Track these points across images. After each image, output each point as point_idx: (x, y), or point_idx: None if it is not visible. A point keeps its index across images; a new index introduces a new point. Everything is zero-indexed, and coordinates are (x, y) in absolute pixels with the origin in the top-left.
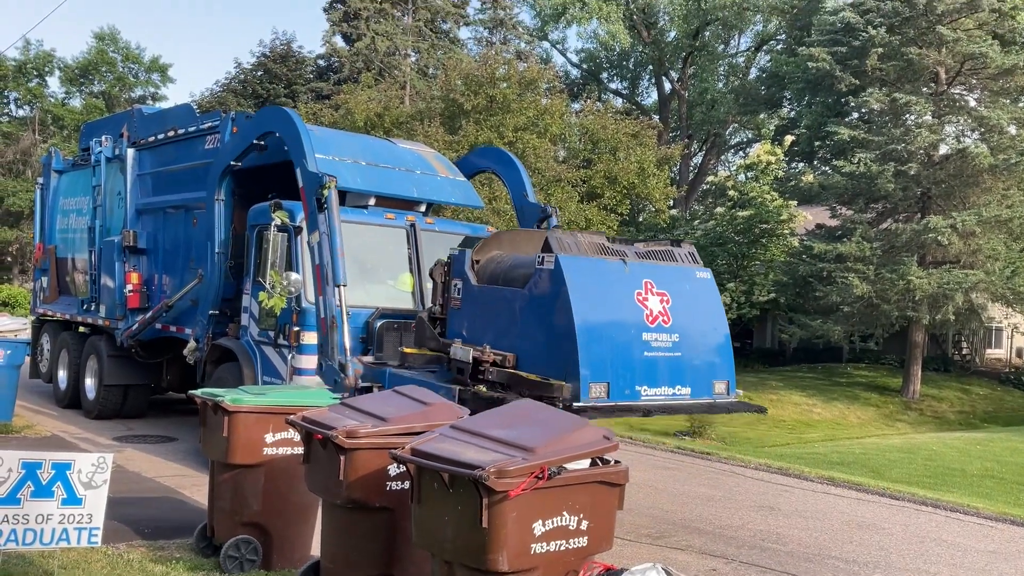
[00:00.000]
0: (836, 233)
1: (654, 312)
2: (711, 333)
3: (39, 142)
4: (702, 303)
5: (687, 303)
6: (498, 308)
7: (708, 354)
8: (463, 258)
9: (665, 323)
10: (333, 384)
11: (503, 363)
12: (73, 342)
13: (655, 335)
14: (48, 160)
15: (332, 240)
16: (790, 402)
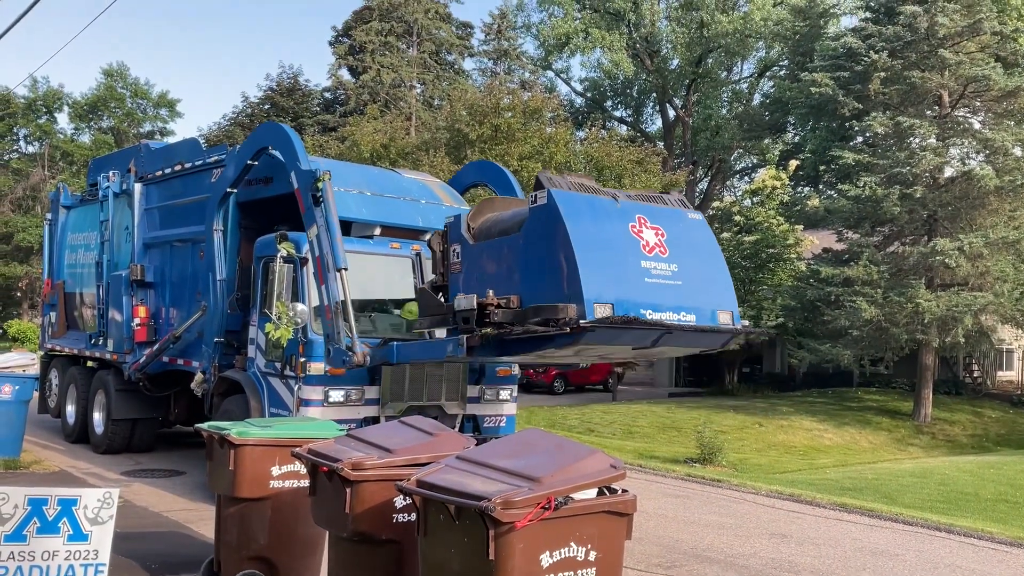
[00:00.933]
0: (843, 257)
1: (650, 243)
2: (710, 267)
3: (48, 178)
4: (698, 240)
5: (682, 238)
6: (498, 259)
7: (709, 285)
8: (459, 223)
9: (662, 254)
10: (342, 364)
11: (507, 305)
12: (81, 377)
13: (654, 263)
14: (56, 196)
15: (331, 230)
16: (801, 427)
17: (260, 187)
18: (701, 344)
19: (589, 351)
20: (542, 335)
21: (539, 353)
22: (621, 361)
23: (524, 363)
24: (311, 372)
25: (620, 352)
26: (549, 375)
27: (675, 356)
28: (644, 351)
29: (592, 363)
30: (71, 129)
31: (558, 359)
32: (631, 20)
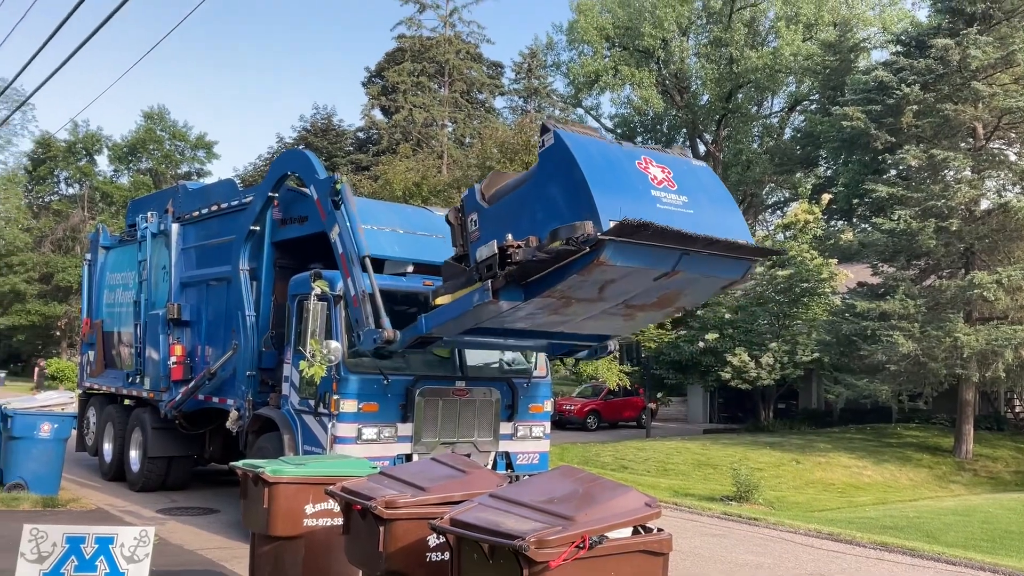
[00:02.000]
0: (879, 291)
1: (658, 177)
2: (720, 202)
3: (88, 219)
4: (705, 180)
5: (689, 177)
6: (513, 212)
7: (721, 215)
8: (473, 194)
9: (671, 187)
10: (371, 343)
11: (527, 244)
12: (118, 415)
13: (663, 193)
14: (96, 237)
15: (351, 222)
16: (839, 464)
17: (295, 226)
18: (722, 272)
19: (612, 285)
20: (563, 261)
21: (563, 290)
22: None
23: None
24: (344, 409)
25: (641, 287)
26: (582, 411)
27: (698, 300)
28: (666, 289)
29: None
30: (111, 171)
31: (583, 302)
32: (660, 57)
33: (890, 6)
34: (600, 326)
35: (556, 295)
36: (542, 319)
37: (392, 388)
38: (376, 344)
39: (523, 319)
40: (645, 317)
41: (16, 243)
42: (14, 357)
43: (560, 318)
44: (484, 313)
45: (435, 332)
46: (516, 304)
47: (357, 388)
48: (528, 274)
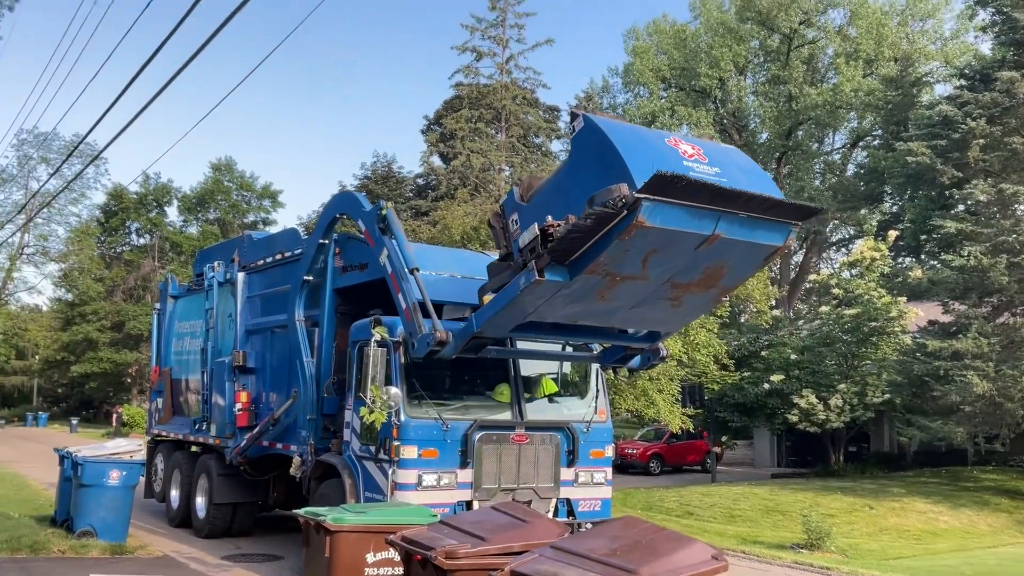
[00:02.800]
0: (950, 329)
1: (688, 152)
2: (751, 173)
3: (158, 268)
4: (734, 156)
5: (719, 154)
6: (551, 201)
7: (755, 183)
8: (512, 196)
9: (702, 160)
10: (425, 347)
11: (566, 222)
12: (185, 461)
13: (695, 164)
14: (165, 286)
15: (399, 243)
16: (914, 510)
17: (355, 273)
18: (762, 237)
19: (654, 256)
20: (603, 227)
21: (607, 264)
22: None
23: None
24: (404, 456)
25: (684, 259)
26: (645, 455)
27: (742, 275)
28: (709, 261)
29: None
30: (180, 221)
31: (627, 280)
32: (717, 97)
33: (952, 40)
34: (649, 317)
35: (600, 270)
36: (590, 306)
37: (451, 434)
38: (430, 347)
39: (571, 306)
40: (693, 302)
41: (89, 293)
42: (86, 404)
43: (607, 305)
44: (532, 297)
45: (486, 329)
46: (562, 284)
47: (417, 434)
48: (571, 250)
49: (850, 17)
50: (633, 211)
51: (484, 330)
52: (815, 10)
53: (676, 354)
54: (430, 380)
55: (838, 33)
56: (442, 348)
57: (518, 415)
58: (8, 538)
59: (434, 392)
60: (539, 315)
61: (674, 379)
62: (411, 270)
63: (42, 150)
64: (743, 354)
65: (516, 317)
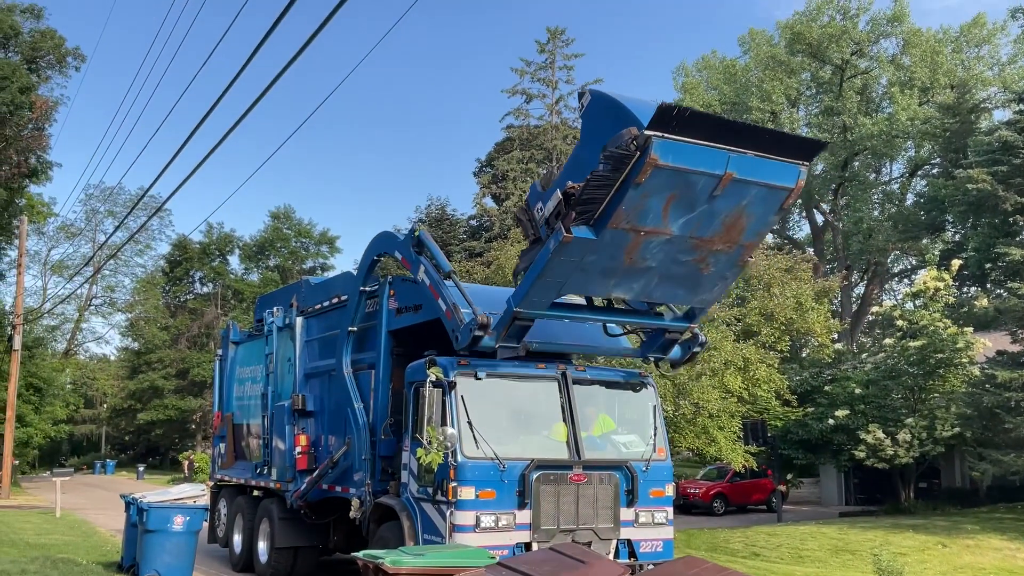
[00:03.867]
0: (1020, 359)
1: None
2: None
3: (221, 315)
4: None
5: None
6: (571, 177)
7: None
8: (535, 187)
9: None
10: (468, 334)
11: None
12: (247, 506)
13: None
14: (226, 333)
15: (435, 254)
16: (989, 547)
17: (410, 314)
18: (773, 177)
19: (673, 203)
20: (621, 170)
21: (629, 215)
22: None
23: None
24: (462, 497)
25: (701, 205)
26: (707, 495)
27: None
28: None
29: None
30: (241, 269)
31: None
32: None
33: (1009, 65)
34: (679, 286)
35: (624, 222)
36: (621, 275)
37: (508, 474)
38: (472, 332)
39: (604, 278)
40: (718, 264)
41: (155, 341)
42: (153, 451)
43: (637, 270)
44: (563, 260)
45: (524, 306)
46: (589, 242)
47: (474, 475)
48: (594, 201)
49: (903, 46)
50: (645, 149)
51: (522, 307)
52: (867, 40)
53: (737, 390)
54: (486, 420)
55: (891, 62)
56: (485, 332)
57: (575, 454)
58: None
59: (490, 432)
60: (574, 288)
61: (735, 416)
62: (446, 274)
63: (108, 204)
64: (805, 389)
65: (551, 289)
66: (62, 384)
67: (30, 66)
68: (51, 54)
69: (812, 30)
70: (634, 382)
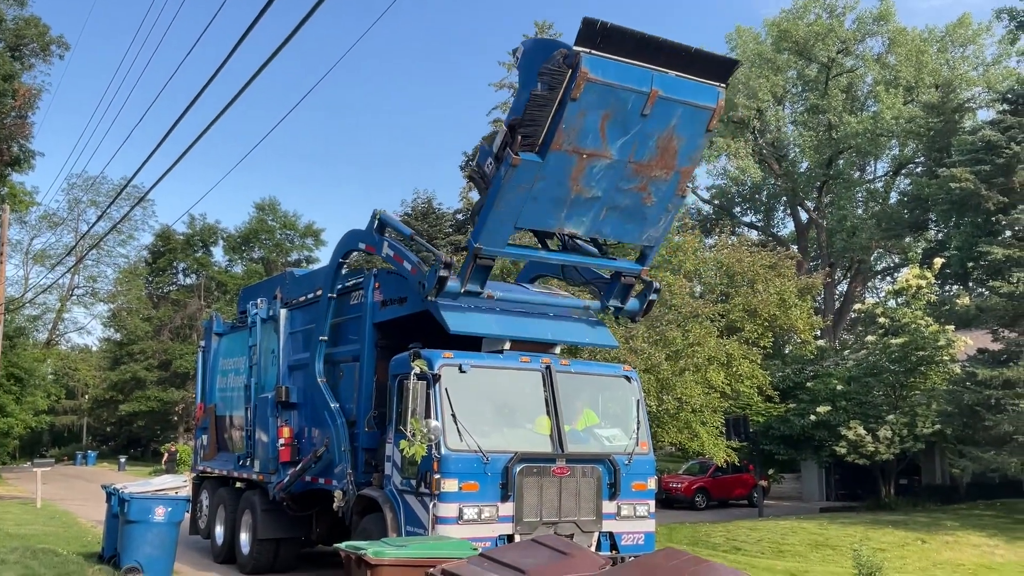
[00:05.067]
0: (1001, 357)
1: None
2: None
3: (204, 307)
4: None
5: None
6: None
7: None
8: (483, 148)
9: None
10: (434, 276)
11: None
12: (229, 498)
13: None
14: (209, 324)
15: (396, 227)
16: (968, 544)
17: (394, 307)
18: (696, 96)
19: (608, 122)
20: (557, 89)
21: (569, 135)
22: (650, 164)
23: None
24: (445, 489)
25: (634, 127)
26: (689, 489)
27: (693, 149)
28: (657, 131)
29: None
30: (225, 261)
31: (593, 157)
32: (756, 127)
33: (994, 65)
34: (627, 220)
35: (566, 143)
36: (571, 205)
37: (492, 467)
38: (439, 272)
39: (555, 209)
40: (659, 193)
41: (137, 332)
42: (134, 442)
43: (585, 199)
44: (514, 187)
45: (483, 243)
46: (537, 164)
47: (457, 467)
48: (535, 124)
49: (889, 45)
50: (576, 65)
51: (482, 243)
52: (853, 39)
53: (720, 386)
54: (470, 412)
55: (877, 61)
56: (449, 271)
57: (559, 447)
58: (56, 575)
59: (474, 425)
60: (528, 220)
61: (718, 411)
62: (408, 237)
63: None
64: (788, 385)
65: (507, 221)
66: (43, 374)
67: (13, 53)
68: (35, 42)
69: (799, 28)
70: (618, 376)
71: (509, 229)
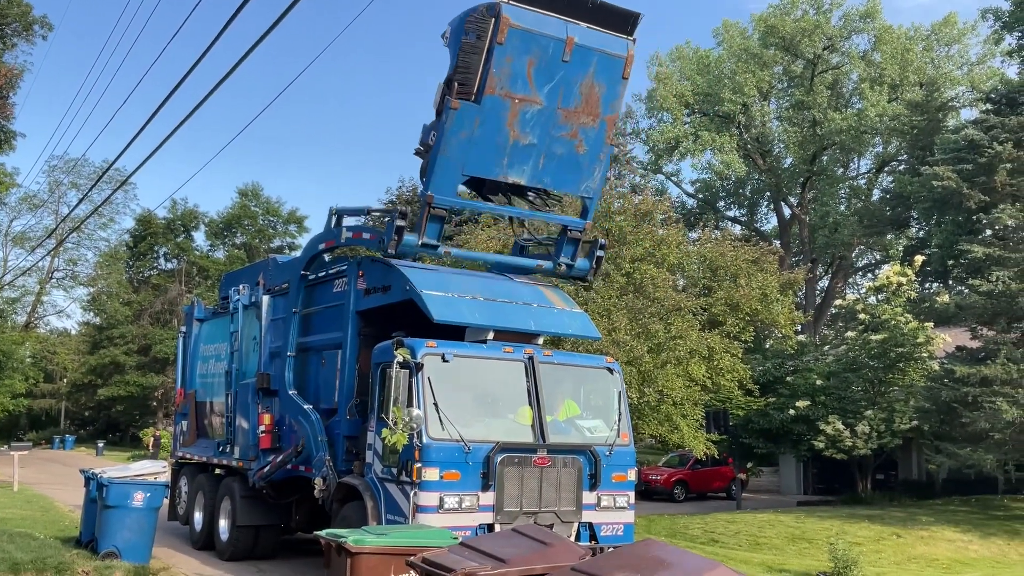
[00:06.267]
0: (979, 355)
1: None
2: None
3: (185, 292)
4: None
5: None
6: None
7: None
8: (424, 126)
9: None
10: (392, 230)
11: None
12: (209, 484)
13: None
14: (191, 310)
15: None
16: (943, 538)
17: (378, 295)
18: (607, 46)
19: (533, 69)
20: (483, 40)
21: (500, 79)
22: (577, 112)
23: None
24: (426, 478)
25: (559, 73)
26: (669, 481)
27: (613, 97)
28: (578, 78)
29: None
30: (207, 246)
31: (525, 101)
32: (741, 122)
33: (978, 65)
34: (565, 170)
35: (498, 88)
36: (508, 147)
37: (473, 456)
38: (396, 222)
39: (494, 146)
40: (590, 140)
41: (117, 316)
42: (113, 427)
43: (523, 145)
44: (456, 131)
45: (434, 190)
46: (475, 108)
47: (439, 456)
48: (470, 74)
49: (874, 42)
50: (498, 14)
51: (433, 192)
52: (839, 35)
53: (701, 379)
54: (453, 401)
55: (862, 58)
56: (405, 221)
57: (540, 437)
58: (33, 559)
59: (456, 414)
60: (473, 167)
61: (698, 404)
62: (365, 212)
63: (72, 176)
64: (768, 380)
65: (454, 167)
66: (22, 357)
67: None
68: (17, 21)
69: (785, 24)
70: (600, 368)
71: (457, 176)
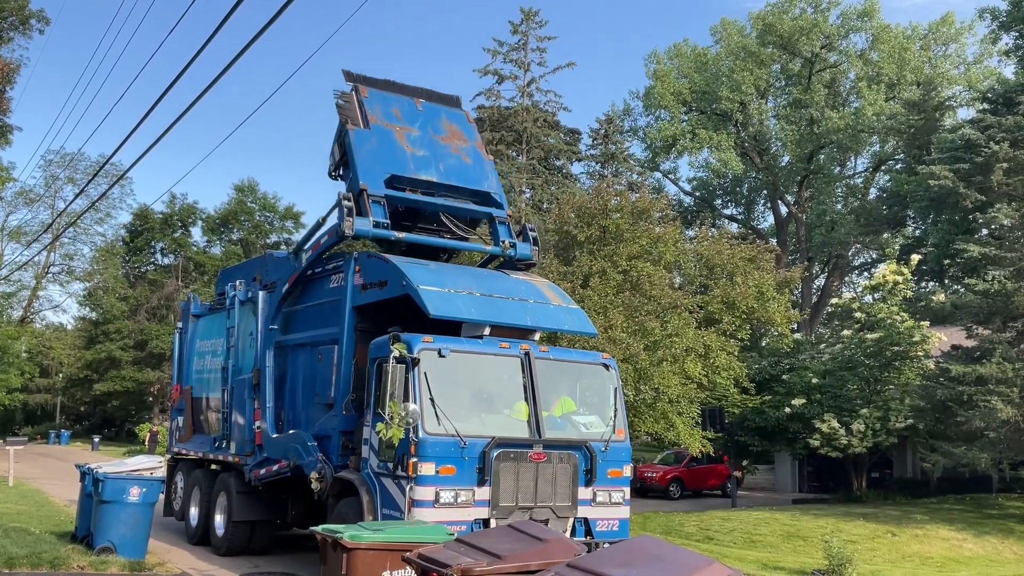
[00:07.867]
0: (974, 354)
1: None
2: None
3: (181, 288)
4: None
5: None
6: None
7: None
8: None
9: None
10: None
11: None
12: (205, 480)
13: None
14: (187, 305)
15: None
16: (937, 537)
17: (375, 290)
18: (439, 101)
19: (393, 109)
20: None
21: (374, 113)
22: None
23: None
24: (422, 472)
25: (412, 113)
26: (664, 478)
27: (463, 123)
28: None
29: None
30: (204, 242)
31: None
32: (738, 120)
33: (975, 64)
34: (463, 177)
35: (380, 121)
36: (408, 155)
37: (469, 451)
38: (342, 203)
39: (399, 152)
40: (467, 151)
41: (113, 312)
42: (108, 422)
43: (420, 155)
44: (361, 145)
45: (366, 184)
46: (367, 132)
47: (435, 451)
48: (354, 115)
49: (872, 41)
50: (356, 89)
51: (364, 182)
52: (837, 34)
53: (697, 377)
54: (449, 397)
55: (860, 57)
56: (350, 200)
57: (536, 433)
58: (29, 553)
59: (452, 409)
60: (389, 166)
61: (694, 402)
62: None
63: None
64: (764, 378)
65: (374, 163)
66: (17, 352)
67: None
68: (14, 15)
69: (783, 22)
70: (596, 364)
71: (379, 170)
